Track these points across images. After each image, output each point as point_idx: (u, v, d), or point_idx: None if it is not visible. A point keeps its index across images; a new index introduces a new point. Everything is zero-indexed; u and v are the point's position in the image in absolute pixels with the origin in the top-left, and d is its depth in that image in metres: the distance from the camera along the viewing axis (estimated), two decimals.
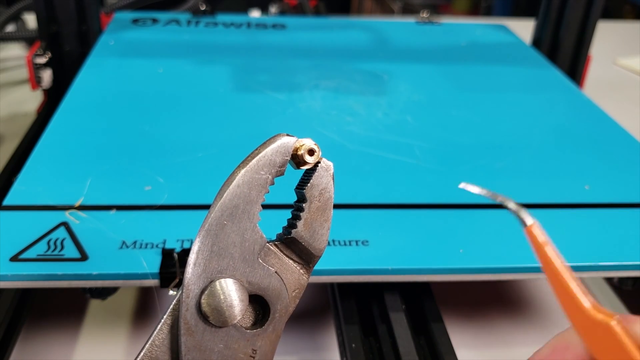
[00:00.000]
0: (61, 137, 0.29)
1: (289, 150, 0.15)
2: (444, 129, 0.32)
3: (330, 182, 0.15)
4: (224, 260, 0.14)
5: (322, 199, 0.15)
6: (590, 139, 0.32)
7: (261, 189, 0.15)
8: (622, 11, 1.33)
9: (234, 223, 0.14)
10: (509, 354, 0.26)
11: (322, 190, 0.15)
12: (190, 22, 0.45)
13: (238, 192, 0.14)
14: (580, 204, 0.27)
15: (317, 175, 0.15)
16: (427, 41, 0.45)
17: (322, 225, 0.15)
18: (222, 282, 0.14)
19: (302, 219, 0.15)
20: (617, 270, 0.24)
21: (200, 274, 0.14)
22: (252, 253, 0.15)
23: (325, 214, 0.15)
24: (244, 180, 0.15)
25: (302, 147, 0.15)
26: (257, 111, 0.33)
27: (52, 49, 0.40)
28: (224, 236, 0.14)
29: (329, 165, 0.15)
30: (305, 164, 0.15)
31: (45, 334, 0.25)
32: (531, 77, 0.40)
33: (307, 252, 0.15)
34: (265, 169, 0.15)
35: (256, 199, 0.15)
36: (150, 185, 0.26)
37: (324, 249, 0.15)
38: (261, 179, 0.15)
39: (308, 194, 0.15)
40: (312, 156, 0.15)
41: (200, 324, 0.14)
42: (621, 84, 0.57)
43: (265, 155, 0.15)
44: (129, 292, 0.28)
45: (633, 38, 0.70)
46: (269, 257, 0.15)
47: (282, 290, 0.15)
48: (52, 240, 0.22)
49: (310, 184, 0.15)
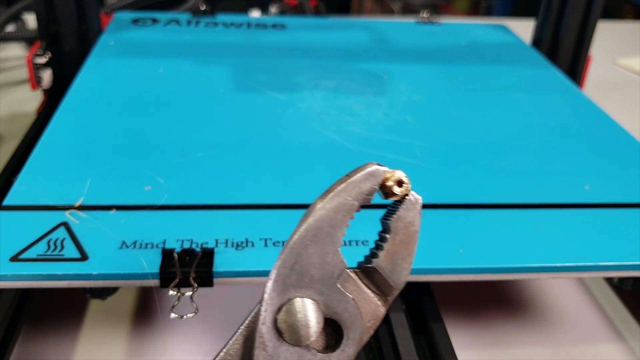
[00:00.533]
0: (61, 137, 0.29)
1: (379, 180, 0.15)
2: (444, 129, 0.32)
3: (417, 216, 0.15)
4: (303, 279, 0.15)
5: (407, 232, 0.15)
6: (590, 139, 0.32)
7: (346, 215, 0.15)
8: (622, 11, 1.33)
9: (316, 244, 0.15)
10: (509, 355, 0.26)
11: (408, 224, 0.15)
12: (191, 22, 0.45)
13: (324, 215, 0.15)
14: (580, 204, 0.27)
15: (405, 207, 0.15)
16: (427, 41, 0.45)
17: (404, 259, 0.15)
18: (301, 301, 0.14)
19: (385, 250, 0.15)
20: (617, 270, 0.24)
21: (279, 290, 0.14)
22: (332, 277, 0.15)
23: (409, 248, 0.15)
24: (331, 204, 0.15)
25: (391, 178, 0.15)
26: (257, 111, 0.33)
27: (52, 49, 0.40)
28: (306, 256, 0.15)
29: (417, 199, 0.15)
30: (393, 195, 0.15)
31: (45, 334, 0.25)
32: (531, 77, 0.40)
33: (386, 284, 0.15)
34: (352, 195, 0.15)
35: (341, 224, 0.15)
36: (151, 186, 0.26)
37: (404, 282, 0.15)
38: (347, 205, 0.15)
39: (393, 225, 0.15)
40: (401, 188, 0.15)
41: (274, 340, 0.14)
42: (621, 84, 0.57)
43: (355, 181, 0.15)
44: (129, 292, 0.28)
45: (633, 38, 0.70)
46: (348, 283, 0.15)
47: (358, 318, 0.15)
48: (52, 240, 0.22)
49: (396, 216, 0.15)
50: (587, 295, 0.29)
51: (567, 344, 0.27)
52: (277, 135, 0.31)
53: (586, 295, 0.29)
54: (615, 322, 0.28)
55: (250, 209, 0.25)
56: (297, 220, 0.25)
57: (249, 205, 0.25)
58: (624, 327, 0.28)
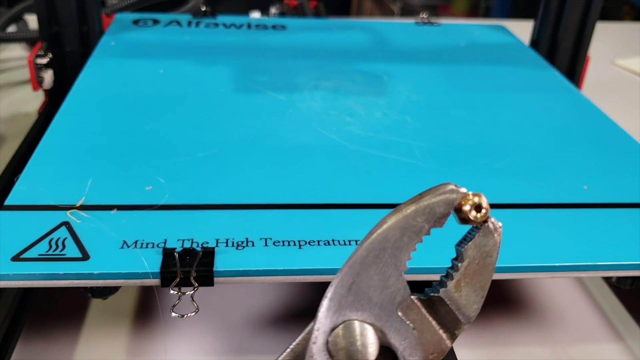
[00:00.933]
0: (62, 138, 0.29)
1: (454, 203, 0.14)
2: (443, 129, 0.32)
3: (495, 245, 0.14)
4: (360, 302, 0.14)
5: (482, 262, 0.14)
6: (588, 140, 0.32)
7: (414, 237, 0.14)
8: (620, 12, 1.33)
9: (378, 266, 0.14)
10: (507, 354, 0.26)
11: (483, 253, 0.14)
12: (191, 23, 0.45)
13: (389, 235, 0.14)
14: (579, 204, 0.27)
15: (482, 235, 0.14)
16: (426, 42, 0.45)
17: (476, 292, 0.14)
18: (356, 324, 0.13)
19: (455, 280, 0.14)
20: (615, 269, 0.24)
21: (334, 309, 0.14)
22: (392, 302, 0.14)
23: (482, 280, 0.14)
24: (398, 224, 0.14)
25: (469, 202, 0.14)
26: (257, 111, 0.33)
27: (53, 50, 0.40)
28: (365, 277, 0.14)
29: (497, 227, 0.14)
30: (470, 221, 0.14)
31: (46, 333, 0.25)
32: (530, 78, 0.40)
33: (453, 317, 0.14)
34: (422, 217, 0.14)
35: (407, 247, 0.14)
36: (151, 185, 0.26)
37: (473, 317, 0.14)
38: (417, 227, 0.14)
39: (467, 253, 0.14)
40: (479, 213, 0.14)
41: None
42: (620, 85, 0.57)
43: (427, 202, 0.14)
44: (130, 291, 0.28)
45: (631, 39, 0.70)
46: (411, 311, 0.14)
47: (417, 350, 0.14)
48: (53, 240, 0.22)
49: (472, 244, 0.14)
50: (586, 295, 0.30)
51: (566, 343, 0.27)
52: (277, 135, 0.31)
53: (584, 295, 0.30)
54: (613, 321, 0.28)
55: (250, 208, 0.25)
56: (298, 220, 0.25)
57: (250, 205, 0.25)
58: (622, 326, 0.28)
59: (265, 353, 0.25)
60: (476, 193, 0.14)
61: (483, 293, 0.14)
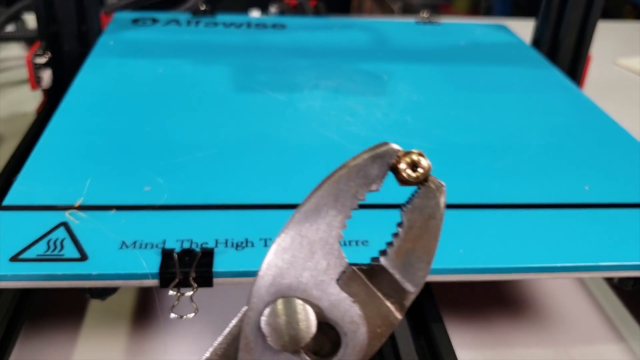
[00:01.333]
0: (61, 137, 0.29)
1: (389, 162, 0.13)
2: (444, 129, 0.32)
3: (438, 206, 0.13)
4: (294, 278, 0.13)
5: (424, 225, 0.13)
6: (590, 139, 0.32)
7: (349, 203, 0.13)
8: (622, 11, 1.33)
9: (311, 238, 0.13)
10: (509, 355, 0.26)
11: (425, 215, 0.13)
12: (190, 22, 0.45)
13: (319, 205, 0.13)
14: (580, 204, 0.27)
15: (422, 196, 0.13)
16: (427, 41, 0.45)
17: (420, 257, 0.13)
18: (289, 302, 0.12)
19: (396, 246, 0.13)
20: (617, 270, 0.24)
21: (266, 288, 0.13)
22: (329, 276, 0.13)
23: (426, 245, 0.13)
24: (329, 191, 0.13)
25: (403, 160, 0.13)
26: (257, 111, 0.33)
27: (51, 49, 0.40)
28: (297, 252, 0.13)
29: (439, 186, 0.13)
30: (408, 182, 0.13)
31: (45, 334, 0.25)
32: (531, 77, 0.40)
33: (398, 286, 0.13)
34: (356, 181, 0.13)
35: (342, 214, 0.13)
36: (150, 186, 0.26)
37: (420, 285, 0.13)
38: (350, 192, 0.13)
39: (407, 217, 0.13)
40: (415, 172, 0.13)
41: (259, 343, 0.13)
42: (621, 84, 0.57)
43: (359, 164, 0.13)
44: (128, 292, 0.28)
45: (633, 38, 0.70)
46: (353, 283, 0.13)
47: (361, 324, 0.13)
48: (52, 240, 0.22)
49: (411, 206, 0.13)
50: (587, 296, 0.29)
51: (567, 344, 0.27)
52: (276, 135, 0.31)
53: (586, 296, 0.29)
54: (615, 322, 0.28)
55: (250, 209, 0.25)
56: None
57: (249, 206, 0.25)
58: (624, 327, 0.28)
59: None
60: (413, 151, 0.13)
61: (429, 258, 0.13)
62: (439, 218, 0.13)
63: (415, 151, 0.13)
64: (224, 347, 0.13)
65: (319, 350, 0.13)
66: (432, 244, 0.13)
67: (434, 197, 0.13)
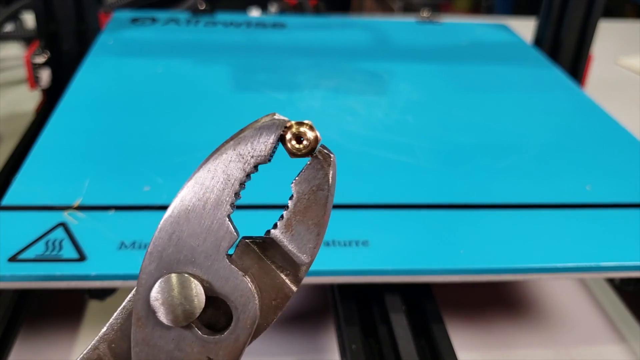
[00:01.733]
0: (59, 137, 0.29)
1: (276, 134, 0.13)
2: (445, 129, 0.32)
3: (326, 177, 0.13)
4: (182, 252, 0.13)
5: (313, 197, 0.13)
6: (591, 139, 0.32)
7: (237, 176, 0.13)
8: (623, 10, 1.33)
9: (198, 212, 0.13)
10: (510, 355, 0.26)
11: (314, 187, 0.13)
12: (190, 21, 0.45)
13: (208, 178, 0.13)
14: (582, 204, 0.26)
15: (310, 167, 0.13)
16: (427, 40, 0.45)
17: (309, 229, 0.13)
18: (175, 277, 0.13)
19: (285, 219, 0.13)
20: (619, 271, 0.24)
21: (156, 263, 0.13)
22: (217, 250, 0.13)
23: (316, 216, 0.13)
24: (217, 164, 0.13)
25: (289, 131, 0.13)
26: (256, 111, 0.33)
27: (50, 48, 0.40)
28: (186, 225, 0.13)
29: (327, 157, 0.13)
30: (295, 154, 0.13)
31: (43, 335, 0.25)
32: (532, 77, 0.39)
33: (289, 258, 0.13)
34: (244, 154, 0.13)
35: (230, 188, 0.13)
36: (149, 186, 0.26)
37: (309, 257, 0.13)
38: (238, 165, 0.13)
39: (296, 189, 0.13)
40: (300, 144, 0.13)
41: (151, 318, 0.13)
42: (623, 84, 0.57)
43: (245, 137, 0.13)
44: (128, 293, 0.27)
45: (634, 37, 0.70)
46: (246, 256, 0.13)
47: (251, 297, 0.13)
48: (50, 240, 0.22)
49: (299, 178, 0.13)
50: (589, 297, 0.29)
51: (569, 345, 0.26)
52: None
53: (588, 297, 0.29)
54: (617, 323, 0.28)
55: (249, 209, 0.25)
56: None
57: (249, 206, 0.25)
58: (626, 328, 0.28)
59: (265, 354, 0.25)
60: (300, 122, 0.13)
61: (318, 230, 0.13)
62: (327, 189, 0.13)
63: (304, 122, 0.13)
64: (120, 322, 0.14)
65: (214, 325, 0.13)
66: (321, 215, 0.13)
67: (322, 168, 0.13)
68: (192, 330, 0.13)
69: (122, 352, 0.14)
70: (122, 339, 0.14)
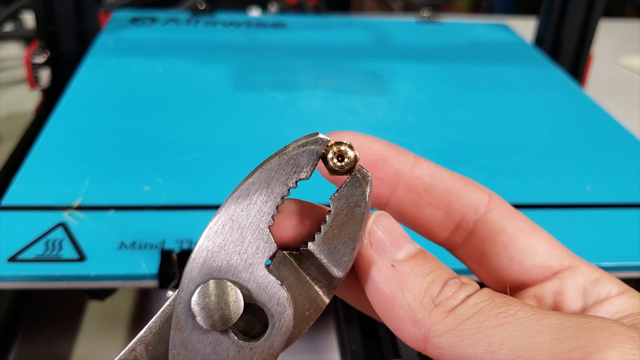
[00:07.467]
0: (59, 137, 0.29)
1: (318, 152, 0.13)
2: (445, 129, 0.32)
3: (363, 195, 0.13)
4: (224, 259, 0.13)
5: (350, 213, 0.13)
6: (592, 139, 0.32)
7: (278, 191, 0.13)
8: (623, 10, 1.33)
9: (242, 222, 0.13)
10: None
11: (351, 203, 0.13)
12: (190, 21, 0.45)
13: (252, 190, 0.13)
14: (583, 204, 0.26)
15: (349, 185, 0.13)
16: (428, 40, 0.45)
17: (345, 243, 0.13)
18: (216, 283, 0.13)
19: (323, 232, 0.13)
20: (619, 271, 0.24)
21: (198, 270, 0.13)
22: (258, 259, 0.13)
23: (351, 231, 0.13)
24: (259, 179, 0.13)
25: (331, 150, 0.13)
26: (256, 111, 0.33)
27: (50, 48, 0.40)
28: (230, 234, 0.13)
29: (366, 176, 0.13)
30: (336, 172, 0.13)
31: (44, 334, 0.25)
32: (533, 77, 0.39)
33: (324, 271, 0.14)
34: (286, 169, 0.13)
35: (272, 201, 0.13)
36: (149, 186, 0.26)
37: (344, 271, 0.14)
38: (280, 180, 0.13)
39: (334, 205, 0.13)
40: (342, 162, 0.13)
41: (190, 322, 0.13)
42: (623, 84, 0.56)
43: (288, 154, 0.13)
44: (127, 293, 0.28)
45: (635, 37, 0.70)
46: (283, 267, 0.14)
47: (287, 306, 0.13)
48: (50, 241, 0.22)
49: (338, 194, 0.13)
50: None
51: None
52: (276, 135, 0.31)
53: None
54: None
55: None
56: None
57: None
58: None
59: None
60: (340, 141, 0.13)
61: (354, 245, 0.13)
62: (364, 206, 0.13)
63: (345, 142, 0.13)
64: (158, 325, 0.14)
65: (250, 331, 0.14)
66: (356, 230, 0.13)
67: (360, 186, 0.13)
68: (228, 335, 0.13)
69: (158, 354, 0.14)
70: (160, 341, 0.14)
